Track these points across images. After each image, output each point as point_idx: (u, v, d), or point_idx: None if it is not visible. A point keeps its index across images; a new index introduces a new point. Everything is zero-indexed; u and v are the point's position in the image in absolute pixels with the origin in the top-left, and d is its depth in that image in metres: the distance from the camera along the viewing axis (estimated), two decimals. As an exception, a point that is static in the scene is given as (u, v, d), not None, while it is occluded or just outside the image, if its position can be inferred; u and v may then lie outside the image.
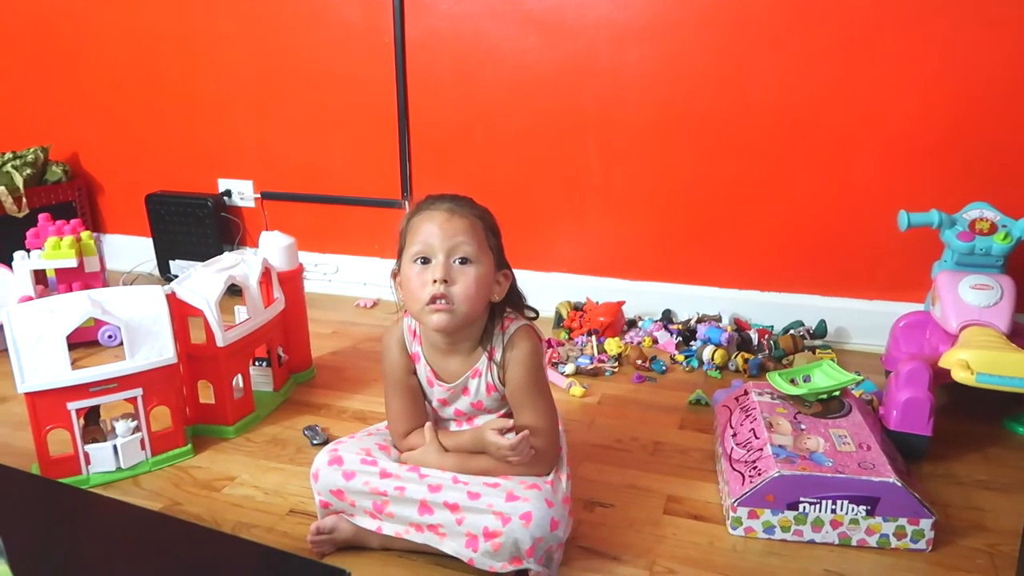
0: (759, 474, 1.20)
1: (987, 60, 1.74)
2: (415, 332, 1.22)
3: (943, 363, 1.41)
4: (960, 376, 1.37)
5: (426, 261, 1.11)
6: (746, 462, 1.25)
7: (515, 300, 1.22)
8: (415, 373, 1.23)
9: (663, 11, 1.92)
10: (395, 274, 1.19)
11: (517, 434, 1.10)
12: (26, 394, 1.30)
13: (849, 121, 1.87)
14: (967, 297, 1.54)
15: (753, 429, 1.32)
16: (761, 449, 1.25)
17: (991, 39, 1.72)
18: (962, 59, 1.76)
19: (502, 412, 1.21)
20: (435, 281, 1.08)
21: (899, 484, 1.15)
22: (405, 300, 1.16)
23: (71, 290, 1.95)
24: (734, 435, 1.35)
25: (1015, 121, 1.76)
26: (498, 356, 1.17)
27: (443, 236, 1.10)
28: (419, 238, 1.11)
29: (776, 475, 1.17)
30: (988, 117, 1.77)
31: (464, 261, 1.11)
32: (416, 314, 1.14)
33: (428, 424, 1.20)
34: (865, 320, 1.97)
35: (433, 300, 1.09)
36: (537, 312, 1.26)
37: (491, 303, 1.17)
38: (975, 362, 1.36)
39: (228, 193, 2.49)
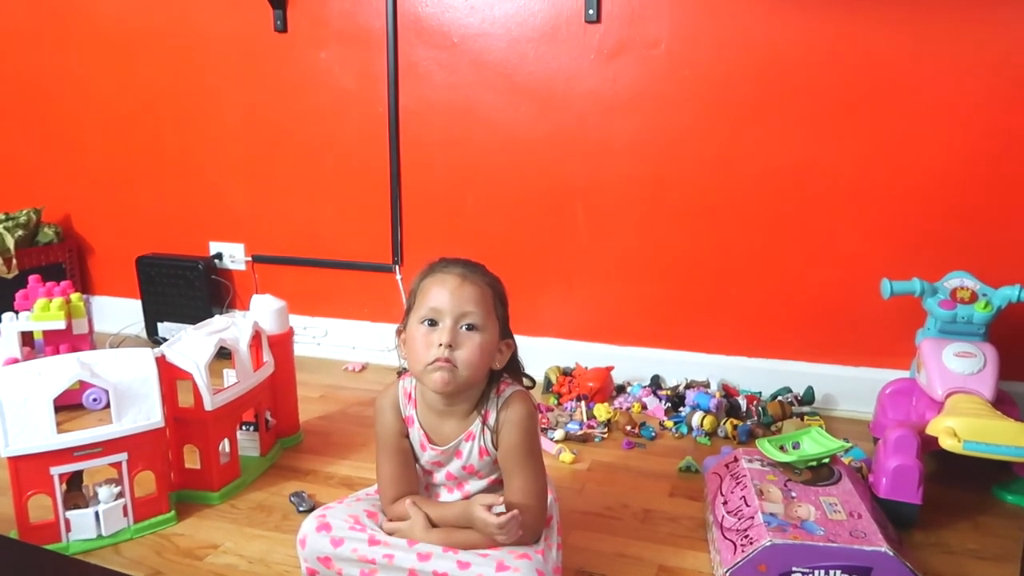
0: (751, 543, 1.19)
1: (965, 134, 1.80)
2: (410, 395, 1.22)
3: (930, 430, 1.42)
4: (947, 444, 1.37)
5: (433, 324, 1.12)
6: (737, 530, 1.24)
7: (514, 368, 1.23)
8: (407, 436, 1.22)
9: (650, 84, 1.99)
10: (400, 332, 1.20)
11: (507, 509, 1.09)
12: (9, 458, 1.28)
13: (834, 191, 1.92)
14: (951, 364, 1.55)
15: (744, 497, 1.32)
16: (752, 517, 1.24)
17: (970, 113, 1.79)
18: (941, 133, 1.82)
19: (493, 478, 1.20)
20: (441, 344, 1.10)
21: (891, 553, 1.14)
22: (408, 359, 1.17)
23: (58, 352, 1.93)
24: (725, 503, 1.35)
25: (993, 193, 1.81)
26: (492, 420, 1.17)
27: (453, 301, 1.12)
28: (429, 301, 1.13)
29: (768, 544, 1.16)
30: (967, 189, 1.83)
31: (471, 328, 1.12)
32: (418, 374, 1.15)
33: (409, 501, 1.18)
34: (852, 386, 1.98)
35: (436, 363, 1.10)
36: (535, 381, 1.27)
37: (491, 370, 1.18)
38: (962, 430, 1.37)
39: (219, 256, 2.50)
